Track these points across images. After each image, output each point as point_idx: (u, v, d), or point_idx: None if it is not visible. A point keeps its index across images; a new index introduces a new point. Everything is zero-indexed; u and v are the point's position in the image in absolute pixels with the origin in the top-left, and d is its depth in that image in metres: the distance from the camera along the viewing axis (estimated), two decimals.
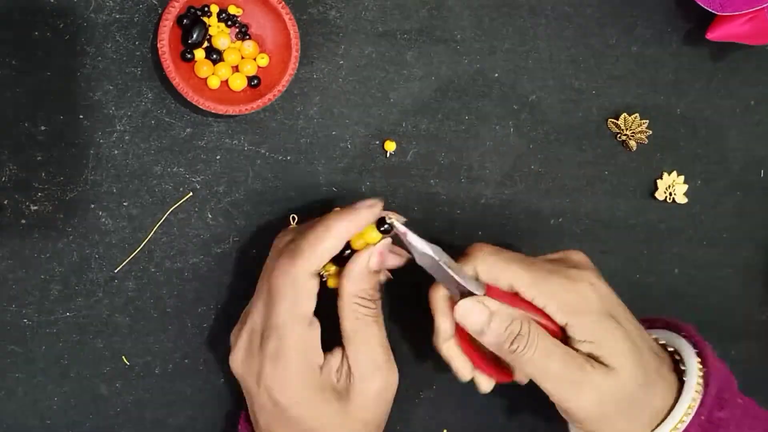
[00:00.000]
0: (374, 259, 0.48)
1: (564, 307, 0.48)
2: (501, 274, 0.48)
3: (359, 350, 0.48)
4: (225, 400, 0.56)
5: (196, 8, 0.51)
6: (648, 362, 0.49)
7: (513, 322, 0.47)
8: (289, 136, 0.55)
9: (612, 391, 0.47)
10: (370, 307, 0.48)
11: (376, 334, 0.48)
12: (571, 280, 0.48)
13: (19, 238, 0.51)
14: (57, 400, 0.53)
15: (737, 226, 0.65)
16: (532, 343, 0.47)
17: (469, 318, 0.48)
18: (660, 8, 0.61)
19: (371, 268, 0.48)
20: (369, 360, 0.48)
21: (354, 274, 0.48)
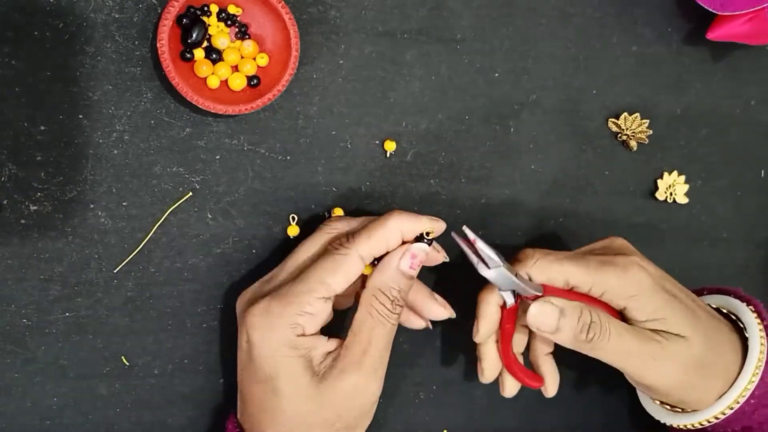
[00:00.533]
0: (406, 259, 0.48)
1: (621, 293, 0.50)
2: (555, 273, 0.50)
3: (355, 343, 0.48)
4: (225, 400, 0.56)
5: (195, 8, 0.51)
6: (709, 325, 0.51)
7: (583, 312, 0.49)
8: (289, 136, 0.55)
9: (688, 357, 0.50)
10: (387, 307, 0.48)
11: (380, 336, 0.48)
12: (621, 267, 0.50)
13: (18, 238, 0.51)
14: (56, 400, 0.53)
15: (737, 226, 0.65)
16: (605, 329, 0.49)
17: (541, 320, 0.49)
18: (660, 8, 0.61)
19: (401, 268, 0.48)
20: (357, 359, 0.47)
21: (384, 267, 0.48)
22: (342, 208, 0.56)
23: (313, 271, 0.47)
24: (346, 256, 0.47)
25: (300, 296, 0.47)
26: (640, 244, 0.63)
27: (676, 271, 0.64)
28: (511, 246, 0.60)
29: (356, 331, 0.48)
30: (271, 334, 0.46)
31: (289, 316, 0.46)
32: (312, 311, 0.47)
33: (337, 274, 0.47)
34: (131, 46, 0.51)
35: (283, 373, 0.47)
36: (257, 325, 0.47)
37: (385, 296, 0.48)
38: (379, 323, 0.48)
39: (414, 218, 0.49)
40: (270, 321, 0.46)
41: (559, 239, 0.61)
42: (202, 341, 0.55)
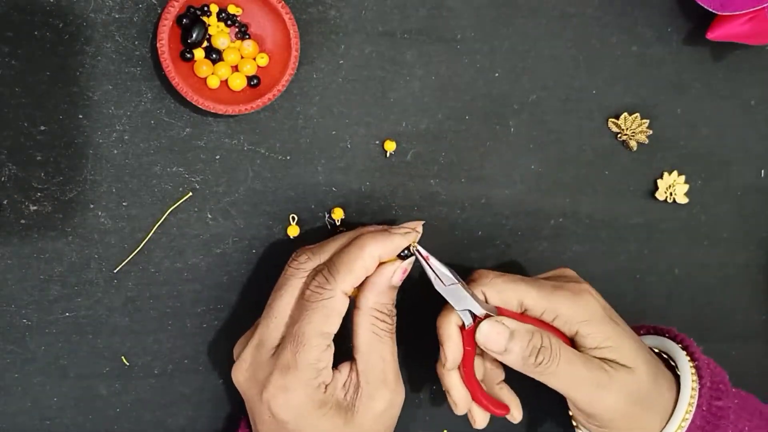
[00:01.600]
0: (398, 275, 0.49)
1: (573, 318, 0.50)
2: (510, 293, 0.50)
3: (370, 366, 0.48)
4: (225, 400, 0.56)
5: (195, 8, 0.51)
6: (651, 360, 0.52)
7: (534, 335, 0.49)
8: (289, 136, 0.55)
9: (634, 388, 0.50)
10: (387, 322, 0.49)
11: (389, 351, 0.49)
12: (574, 293, 0.51)
13: (18, 238, 0.51)
14: (56, 400, 0.53)
15: (737, 226, 0.65)
16: (555, 354, 0.49)
17: (491, 339, 0.49)
18: (660, 8, 0.61)
19: (393, 283, 0.49)
20: (378, 377, 0.48)
21: (376, 287, 0.48)
22: (342, 208, 0.56)
23: (308, 328, 0.46)
24: (333, 299, 0.47)
25: (309, 360, 0.46)
26: (640, 244, 0.63)
27: (676, 272, 0.64)
28: (510, 246, 0.60)
29: (366, 352, 0.48)
30: (299, 408, 0.46)
31: (309, 382, 0.46)
32: (325, 365, 0.47)
33: (331, 319, 0.47)
34: (131, 46, 0.51)
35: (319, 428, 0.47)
36: (281, 405, 0.46)
37: (384, 314, 0.49)
38: (385, 339, 0.48)
39: (388, 239, 0.48)
40: (292, 397, 0.46)
41: (559, 239, 0.61)
42: (202, 341, 0.55)
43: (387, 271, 0.48)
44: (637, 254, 0.63)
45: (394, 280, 0.49)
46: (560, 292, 0.51)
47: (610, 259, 0.62)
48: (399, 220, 0.57)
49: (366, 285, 0.48)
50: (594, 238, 0.62)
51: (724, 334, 0.66)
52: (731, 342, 0.66)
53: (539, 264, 0.60)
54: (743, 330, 0.67)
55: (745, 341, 0.67)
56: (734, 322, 0.67)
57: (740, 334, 0.67)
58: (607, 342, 0.50)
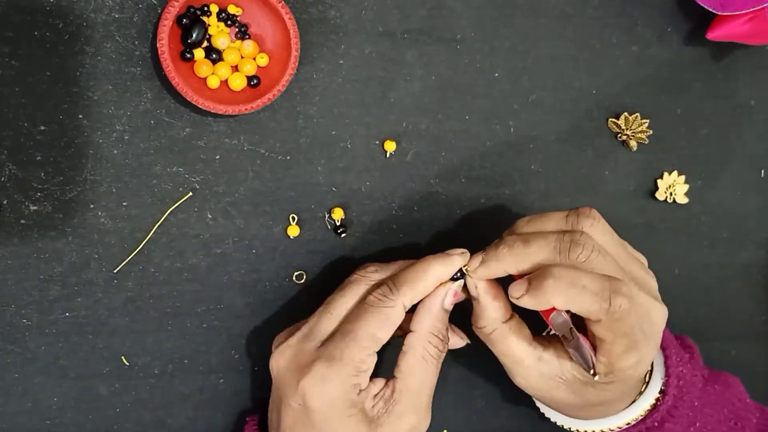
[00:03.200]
0: (450, 297, 0.49)
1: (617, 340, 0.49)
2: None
3: (409, 388, 0.48)
4: (225, 400, 0.56)
5: (195, 8, 0.51)
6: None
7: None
8: (289, 136, 0.55)
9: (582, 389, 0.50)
10: (440, 348, 0.49)
11: (431, 379, 0.49)
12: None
13: (18, 238, 0.51)
14: (56, 400, 0.53)
15: (737, 226, 0.65)
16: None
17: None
18: (660, 8, 0.61)
19: (445, 305, 0.49)
20: (413, 401, 0.48)
21: (431, 309, 0.49)
22: (342, 208, 0.56)
23: (362, 328, 0.47)
24: (393, 308, 0.48)
25: (355, 358, 0.47)
26: (640, 244, 0.63)
27: (676, 272, 0.64)
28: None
29: (408, 374, 0.48)
30: (332, 400, 0.47)
31: (348, 378, 0.47)
32: (367, 368, 0.48)
33: (386, 327, 0.48)
34: (131, 46, 0.51)
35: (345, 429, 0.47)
36: (316, 393, 0.47)
37: (438, 338, 0.49)
38: (432, 364, 0.49)
39: (447, 261, 0.49)
40: (329, 387, 0.47)
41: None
42: (202, 341, 0.55)
43: (440, 292, 0.49)
44: None
45: (446, 302, 0.49)
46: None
47: None
48: (399, 220, 0.57)
49: (420, 308, 0.49)
50: None
51: (724, 334, 0.66)
52: (731, 342, 0.66)
53: None
54: (743, 330, 0.67)
55: (745, 341, 0.67)
56: (734, 322, 0.67)
57: (740, 334, 0.67)
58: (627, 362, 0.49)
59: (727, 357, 0.66)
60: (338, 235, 0.56)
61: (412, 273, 0.49)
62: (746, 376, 0.59)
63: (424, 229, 0.58)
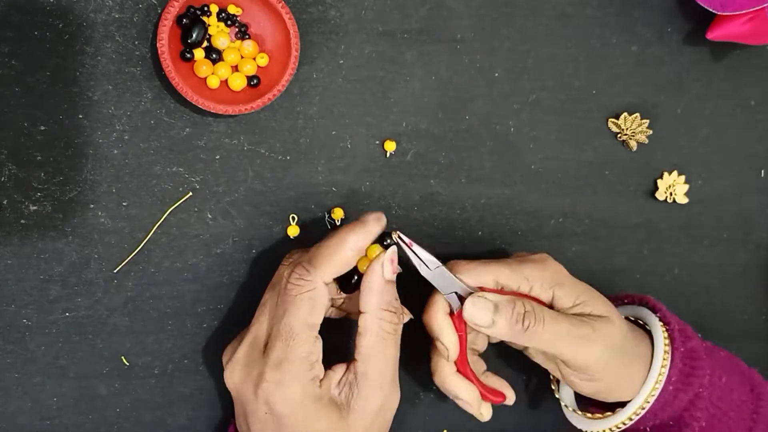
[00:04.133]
0: (388, 267, 0.48)
1: (546, 283, 0.52)
2: (484, 275, 0.52)
3: (371, 368, 0.48)
4: (225, 400, 0.56)
5: (195, 8, 0.51)
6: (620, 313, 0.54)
7: (516, 303, 0.50)
8: (289, 136, 0.55)
9: (613, 336, 0.52)
10: (394, 321, 0.49)
11: (392, 353, 0.49)
12: (539, 261, 0.53)
13: (18, 238, 0.51)
14: (56, 400, 0.53)
15: (737, 226, 0.65)
16: (540, 317, 0.50)
17: (477, 314, 0.50)
18: (660, 8, 0.61)
19: (386, 276, 0.48)
20: (377, 380, 0.48)
21: (373, 285, 0.48)
22: (342, 208, 0.56)
23: (293, 320, 0.46)
24: (314, 290, 0.47)
25: (301, 354, 0.46)
26: (640, 244, 0.63)
27: (675, 272, 0.64)
28: (510, 246, 0.60)
29: (368, 355, 0.48)
30: (295, 400, 0.46)
31: (303, 374, 0.46)
32: (316, 357, 0.47)
33: (315, 310, 0.47)
34: (131, 46, 0.51)
35: (317, 426, 0.47)
36: (278, 399, 0.46)
37: (389, 312, 0.48)
38: (390, 339, 0.48)
39: (361, 227, 0.48)
40: (288, 390, 0.46)
41: (559, 239, 0.61)
42: (202, 341, 0.55)
43: (376, 267, 0.48)
44: (637, 254, 0.63)
45: (386, 273, 0.48)
46: (527, 263, 0.53)
47: (610, 259, 0.62)
48: (399, 220, 0.57)
49: (363, 288, 0.48)
50: (594, 238, 0.62)
51: (724, 334, 0.66)
52: (731, 342, 0.66)
53: None
54: (743, 330, 0.67)
55: (745, 341, 0.67)
56: (734, 322, 0.67)
57: (740, 334, 0.67)
58: (580, 298, 0.52)
59: None
60: None
61: (326, 247, 0.48)
62: None
63: (424, 229, 0.58)
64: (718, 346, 0.58)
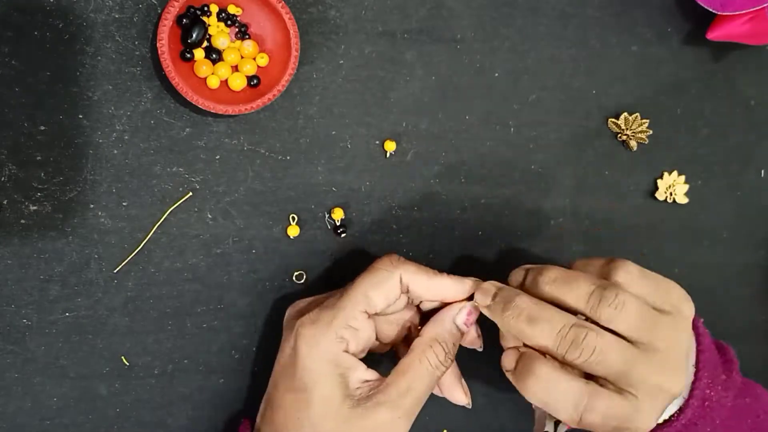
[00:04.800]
0: (462, 315, 0.50)
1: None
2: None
3: (397, 386, 0.48)
4: (225, 400, 0.56)
5: (195, 8, 0.51)
6: None
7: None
8: (289, 136, 0.55)
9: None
10: (439, 358, 0.49)
11: (422, 386, 0.49)
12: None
13: (18, 238, 0.51)
14: (56, 400, 0.53)
15: (737, 226, 0.65)
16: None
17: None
18: (660, 8, 0.61)
19: (457, 322, 0.50)
20: (396, 399, 0.48)
21: (440, 319, 0.50)
22: (342, 208, 0.56)
23: (357, 285, 0.49)
24: (389, 273, 0.49)
25: (345, 309, 0.48)
26: (640, 244, 0.63)
27: (675, 272, 0.64)
28: (511, 246, 0.60)
29: (402, 372, 0.48)
30: (318, 346, 0.48)
31: (336, 327, 0.48)
32: (356, 325, 0.48)
33: (379, 288, 0.49)
34: (131, 46, 0.51)
35: (321, 387, 0.47)
36: (306, 334, 0.48)
37: (441, 347, 0.49)
38: (428, 371, 0.49)
39: (459, 281, 0.50)
40: (318, 331, 0.48)
41: (559, 239, 0.61)
42: (202, 341, 0.55)
43: (454, 307, 0.50)
44: (637, 254, 0.63)
45: (458, 319, 0.50)
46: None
47: None
48: (399, 220, 0.57)
49: (433, 318, 0.50)
50: (594, 238, 0.62)
51: (724, 334, 0.66)
52: (731, 342, 0.66)
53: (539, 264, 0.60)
54: (743, 330, 0.67)
55: (745, 341, 0.67)
56: (734, 322, 0.67)
57: (740, 334, 0.67)
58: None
59: None
60: (338, 235, 0.56)
61: (422, 267, 0.50)
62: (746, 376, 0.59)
63: (424, 229, 0.58)
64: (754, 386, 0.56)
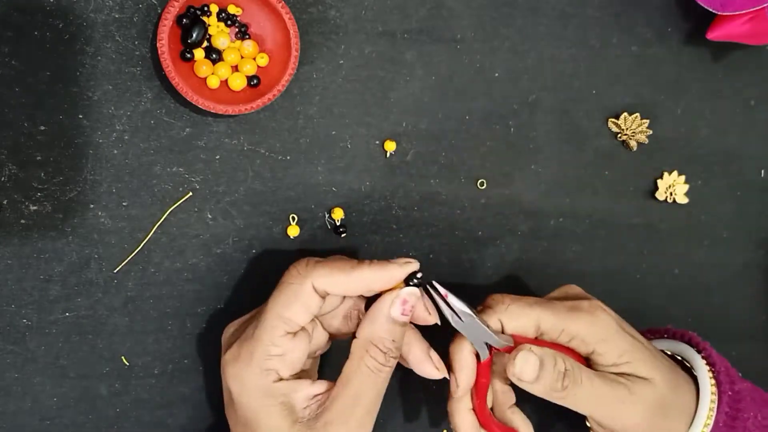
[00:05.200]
0: (396, 306, 0.46)
1: (589, 338, 0.49)
2: (526, 319, 0.49)
3: (342, 397, 0.45)
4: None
5: (195, 8, 0.51)
6: (668, 367, 0.51)
7: (557, 360, 0.48)
8: (289, 136, 0.55)
9: (652, 399, 0.49)
10: (379, 360, 0.45)
11: (370, 391, 0.45)
12: (588, 312, 0.50)
13: (18, 238, 0.51)
14: (56, 400, 0.53)
15: (737, 226, 0.65)
16: (578, 377, 0.48)
17: (525, 369, 0.48)
18: (660, 8, 0.61)
19: (393, 315, 0.46)
20: (343, 411, 0.45)
21: (373, 317, 0.46)
22: (342, 208, 0.56)
23: (269, 309, 0.45)
24: (300, 285, 0.45)
25: (261, 340, 0.44)
26: (640, 244, 0.63)
27: (675, 272, 0.64)
28: (511, 246, 0.60)
29: (345, 382, 0.45)
30: (245, 383, 0.44)
31: (258, 362, 0.44)
32: (279, 351, 0.45)
33: (292, 306, 0.45)
34: (131, 46, 0.51)
35: (264, 421, 0.44)
36: (230, 373, 0.45)
37: (378, 349, 0.46)
38: (371, 376, 0.45)
39: (383, 266, 0.46)
40: (241, 370, 0.45)
41: (559, 239, 0.61)
42: (202, 341, 0.55)
43: (385, 299, 0.46)
44: (637, 254, 0.63)
45: (393, 311, 0.46)
46: (576, 313, 0.50)
47: (609, 259, 0.62)
48: (399, 220, 0.57)
49: (366, 314, 0.47)
50: (594, 238, 0.62)
51: (724, 334, 0.66)
52: (731, 342, 0.66)
53: (539, 264, 0.61)
54: (743, 330, 0.67)
55: (745, 341, 0.67)
56: (734, 322, 0.67)
57: (740, 334, 0.67)
58: (623, 357, 0.50)
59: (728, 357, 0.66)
60: (338, 235, 0.56)
61: (339, 261, 0.46)
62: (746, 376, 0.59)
63: (424, 229, 0.58)
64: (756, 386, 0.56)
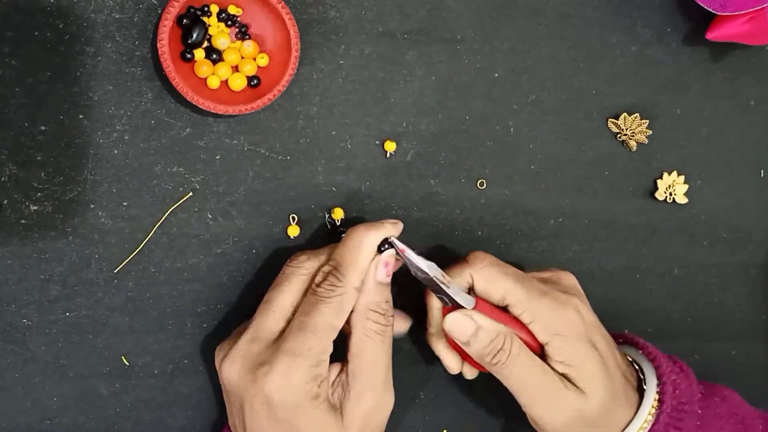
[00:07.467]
0: (381, 270, 0.49)
1: (548, 328, 0.50)
2: (495, 285, 0.51)
3: (361, 368, 0.48)
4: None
5: (195, 8, 0.51)
6: (617, 386, 0.52)
7: (497, 336, 0.50)
8: (289, 136, 0.55)
9: (581, 413, 0.50)
10: (381, 322, 0.49)
11: (382, 354, 0.49)
12: (560, 303, 0.51)
13: (18, 238, 0.51)
14: (56, 400, 0.53)
15: (737, 226, 0.65)
16: (513, 358, 0.50)
17: (456, 329, 0.50)
18: (660, 8, 0.61)
19: (379, 279, 0.49)
20: (368, 379, 0.48)
21: (366, 285, 0.49)
22: (342, 208, 0.56)
23: (320, 319, 0.47)
24: (344, 295, 0.48)
25: (316, 349, 0.47)
26: (640, 244, 0.63)
27: (675, 272, 0.64)
28: (511, 246, 0.60)
29: (358, 354, 0.49)
30: (295, 394, 0.46)
31: (310, 370, 0.47)
32: (326, 357, 0.48)
33: (342, 314, 0.48)
34: (131, 46, 0.51)
35: (310, 424, 0.47)
36: (279, 389, 0.46)
37: (377, 313, 0.49)
38: (378, 341, 0.49)
39: (380, 228, 0.50)
40: (292, 381, 0.46)
41: (559, 239, 0.61)
42: (202, 341, 0.55)
43: (370, 270, 0.49)
44: (637, 254, 0.63)
45: (379, 275, 0.49)
46: (545, 299, 0.51)
47: (609, 259, 0.62)
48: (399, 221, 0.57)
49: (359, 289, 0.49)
50: (594, 238, 0.62)
51: (724, 334, 0.66)
52: (731, 342, 0.66)
53: (539, 264, 0.60)
54: (743, 330, 0.67)
55: (745, 341, 0.67)
56: (734, 322, 0.67)
57: (740, 334, 0.67)
58: (572, 361, 0.50)
59: (727, 357, 0.66)
60: (338, 235, 0.56)
61: (351, 253, 0.49)
62: (746, 376, 0.59)
63: (424, 229, 0.58)
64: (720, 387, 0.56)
